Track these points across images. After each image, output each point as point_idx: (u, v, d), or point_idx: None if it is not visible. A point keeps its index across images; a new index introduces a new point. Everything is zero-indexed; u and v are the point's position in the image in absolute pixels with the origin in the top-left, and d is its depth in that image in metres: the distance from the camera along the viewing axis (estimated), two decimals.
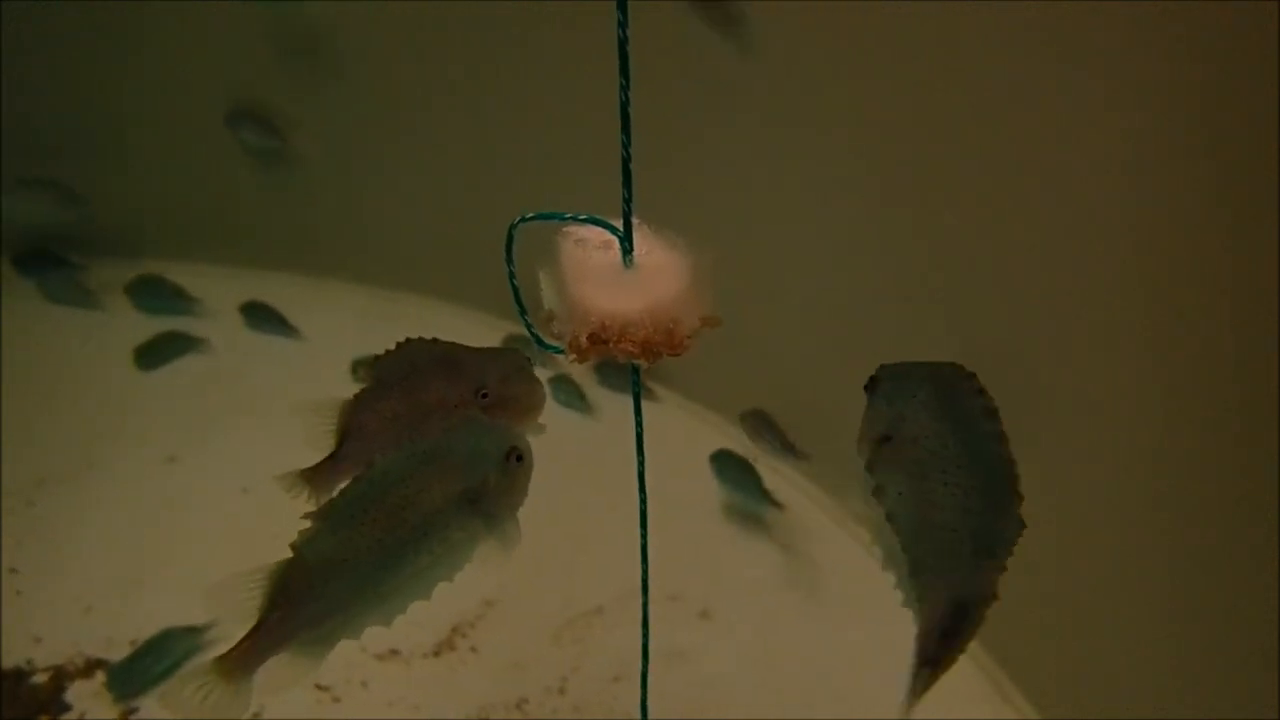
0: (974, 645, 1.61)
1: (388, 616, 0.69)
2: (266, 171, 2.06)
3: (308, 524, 0.69)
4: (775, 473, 1.79)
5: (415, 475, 0.65)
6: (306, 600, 0.68)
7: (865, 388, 0.64)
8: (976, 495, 0.60)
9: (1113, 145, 1.13)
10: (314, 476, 0.75)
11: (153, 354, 2.02)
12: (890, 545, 0.61)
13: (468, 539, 0.68)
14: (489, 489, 0.66)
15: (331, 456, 0.75)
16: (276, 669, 0.67)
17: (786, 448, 1.62)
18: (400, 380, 0.73)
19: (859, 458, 0.64)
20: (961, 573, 0.60)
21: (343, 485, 0.69)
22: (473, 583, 0.72)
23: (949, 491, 0.59)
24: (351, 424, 0.74)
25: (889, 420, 0.62)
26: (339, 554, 0.67)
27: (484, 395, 0.70)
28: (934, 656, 0.61)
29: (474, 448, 0.66)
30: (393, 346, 0.73)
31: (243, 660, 0.65)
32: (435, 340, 0.72)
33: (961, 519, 0.59)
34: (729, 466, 1.71)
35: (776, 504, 1.69)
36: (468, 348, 0.73)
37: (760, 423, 1.67)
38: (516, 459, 0.67)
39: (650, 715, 0.99)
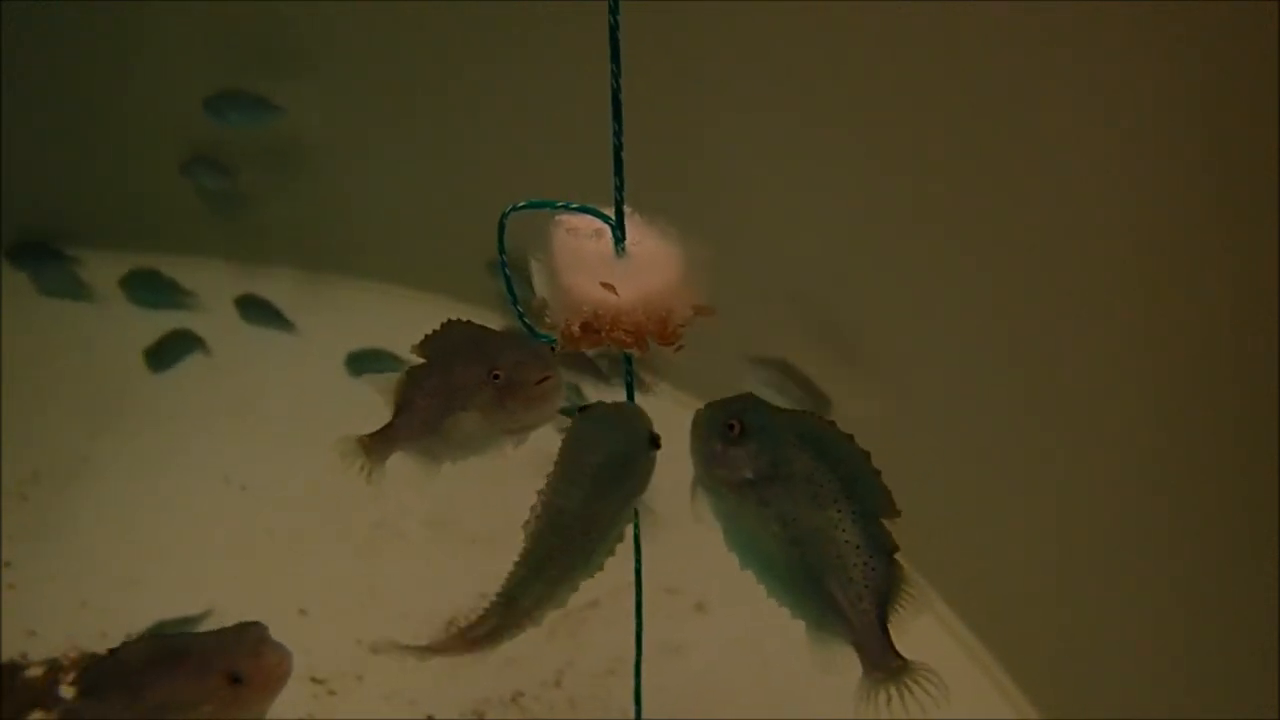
0: (975, 644, 1.62)
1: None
2: (263, 167, 2.05)
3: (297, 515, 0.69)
4: None
5: (588, 500, 0.70)
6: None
7: (727, 428, 0.66)
8: (869, 515, 0.64)
9: (1113, 145, 1.12)
10: (370, 444, 0.78)
11: (162, 355, 2.01)
12: (788, 574, 0.65)
13: (629, 524, 0.74)
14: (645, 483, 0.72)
15: (387, 427, 0.78)
16: None
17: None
18: (438, 359, 0.76)
19: (717, 489, 0.66)
20: (879, 583, 0.63)
21: (399, 452, 0.76)
22: (468, 577, 0.73)
23: (843, 514, 0.63)
24: (403, 399, 0.77)
25: (770, 460, 0.64)
26: (546, 592, 0.75)
27: (496, 377, 0.71)
28: (889, 662, 0.63)
29: (629, 455, 0.70)
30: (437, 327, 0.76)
31: None
32: (469, 322, 0.74)
33: (862, 534, 0.63)
34: None
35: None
36: (495, 331, 0.74)
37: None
38: (655, 445, 0.72)
39: (645, 709, 0.99)
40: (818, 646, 0.65)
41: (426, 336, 0.75)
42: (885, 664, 0.63)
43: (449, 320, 0.75)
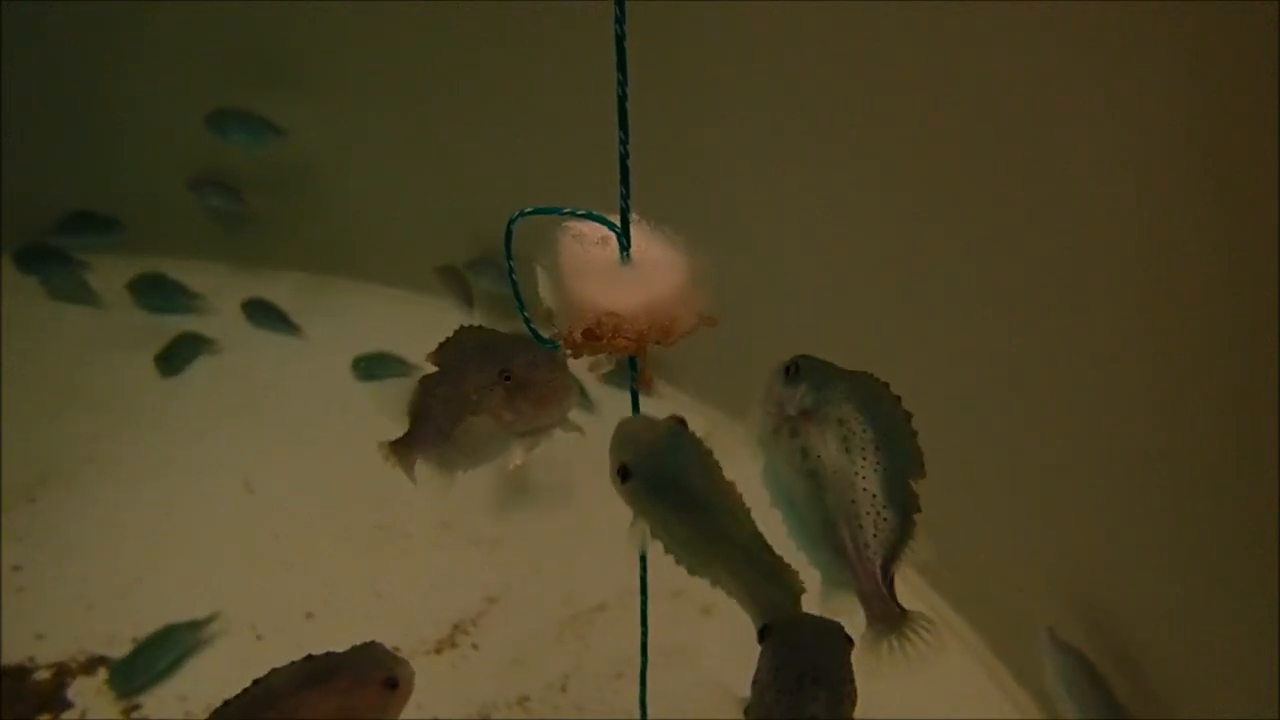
0: (978, 644, 1.62)
1: None
2: (266, 170, 2.06)
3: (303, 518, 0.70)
4: None
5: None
6: None
7: (785, 369, 0.68)
8: (895, 471, 0.66)
9: (1113, 145, 1.12)
10: (397, 449, 0.79)
11: (171, 359, 2.02)
12: (806, 511, 0.67)
13: None
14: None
15: (407, 435, 0.78)
16: None
17: None
18: (449, 366, 0.76)
19: (765, 421, 0.69)
20: (890, 536, 0.65)
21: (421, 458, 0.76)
22: (475, 580, 0.73)
23: (869, 464, 0.65)
24: (418, 407, 0.78)
25: (813, 400, 0.67)
26: None
27: (507, 378, 0.71)
28: (889, 614, 0.65)
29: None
30: (450, 334, 0.76)
31: None
32: (480, 328, 0.74)
33: (882, 487, 0.65)
34: None
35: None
36: (505, 335, 0.74)
37: None
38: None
39: (651, 712, 0.99)
40: (827, 597, 0.67)
41: (441, 344, 0.75)
42: (886, 614, 0.64)
43: (461, 326, 0.75)
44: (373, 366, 1.92)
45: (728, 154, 1.61)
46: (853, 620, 0.67)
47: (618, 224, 0.64)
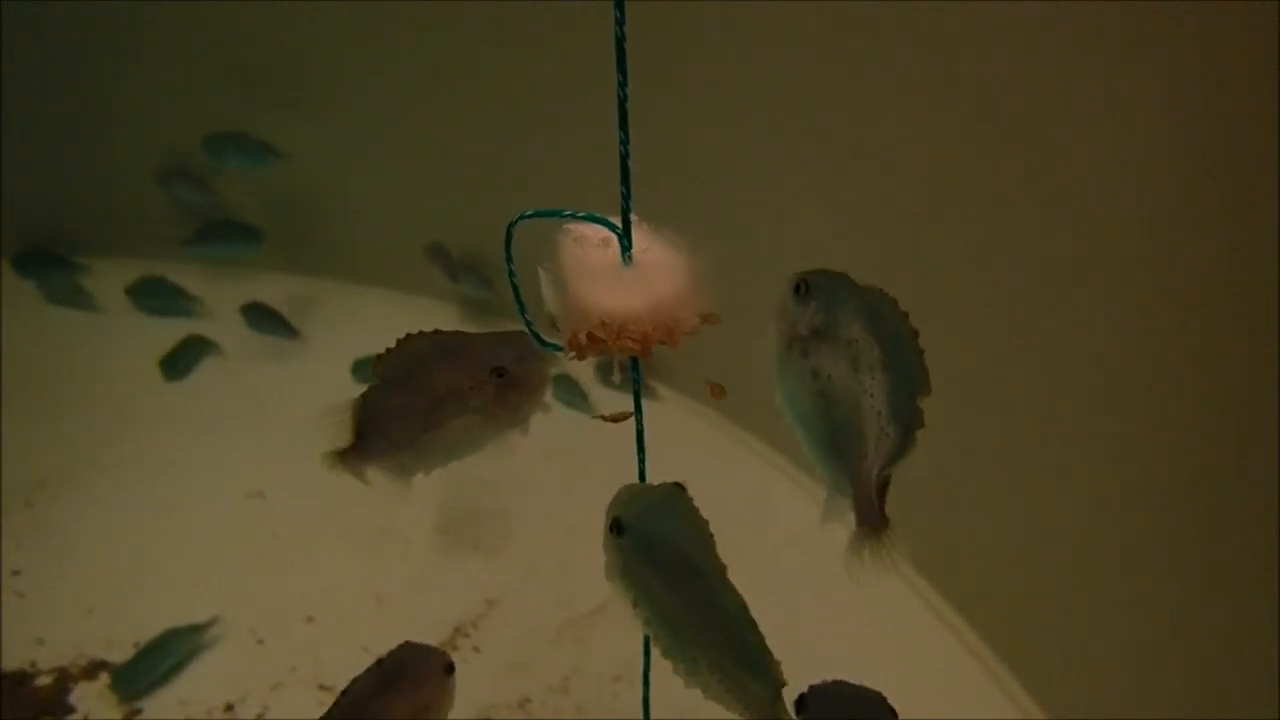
0: (979, 644, 1.62)
1: None
2: (262, 175, 2.06)
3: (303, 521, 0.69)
4: (779, 472, 1.79)
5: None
6: None
7: (795, 287, 0.69)
8: (900, 389, 0.68)
9: (1113, 145, 1.12)
10: (347, 460, 0.76)
11: (176, 363, 2.02)
12: (817, 427, 0.69)
13: None
14: None
15: (351, 449, 0.76)
16: None
17: None
18: (405, 375, 0.74)
19: (778, 340, 0.71)
20: (890, 451, 0.67)
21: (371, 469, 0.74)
22: (475, 583, 0.73)
23: (876, 382, 0.67)
24: (364, 421, 0.75)
25: (823, 320, 0.69)
26: None
27: (500, 375, 0.71)
28: (874, 521, 0.68)
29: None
30: (393, 344, 0.74)
31: None
32: (436, 331, 0.73)
33: (887, 405, 0.68)
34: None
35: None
36: (470, 334, 0.73)
37: None
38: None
39: (652, 714, 0.99)
40: (829, 510, 0.69)
41: (381, 356, 0.74)
42: (872, 520, 0.67)
43: (408, 334, 0.74)
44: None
45: (728, 154, 1.61)
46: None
47: (619, 225, 0.64)
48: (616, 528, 0.69)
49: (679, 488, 0.72)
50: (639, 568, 0.70)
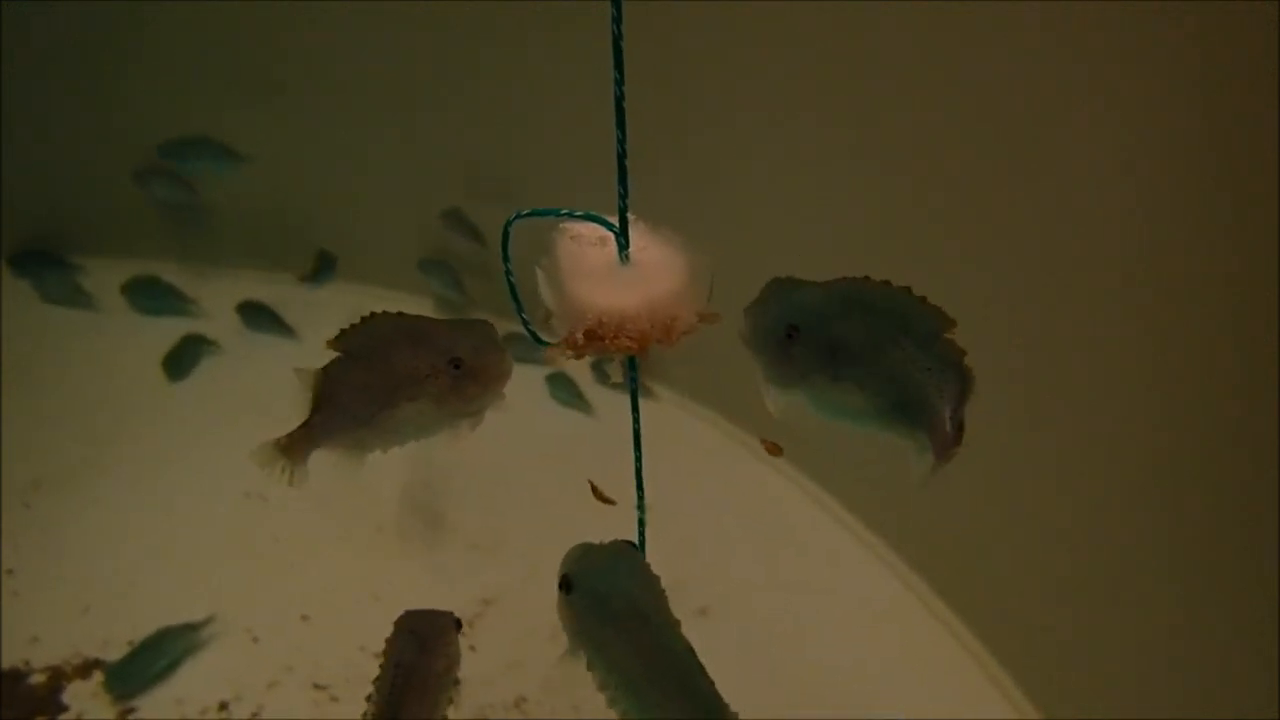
0: (976, 645, 1.61)
1: None
2: (257, 174, 2.05)
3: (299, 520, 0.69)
4: (777, 472, 1.79)
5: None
6: None
7: (787, 338, 0.69)
8: (928, 338, 0.68)
9: (1113, 145, 1.12)
10: (288, 444, 0.75)
11: (179, 362, 2.01)
12: (882, 415, 0.68)
13: None
14: None
15: (303, 425, 0.75)
16: None
17: None
18: (367, 352, 0.74)
19: (792, 387, 0.70)
20: (953, 390, 0.66)
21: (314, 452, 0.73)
22: (471, 582, 0.73)
23: (907, 353, 0.67)
24: (321, 395, 0.75)
25: (828, 347, 0.68)
26: None
27: (457, 365, 0.70)
28: (947, 452, 0.66)
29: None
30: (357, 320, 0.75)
31: None
32: (400, 313, 0.73)
33: (930, 359, 0.67)
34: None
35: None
36: (433, 319, 0.73)
37: None
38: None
39: None
40: (917, 465, 0.67)
41: (345, 331, 0.74)
42: (950, 454, 0.65)
43: (373, 313, 0.74)
44: None
45: (726, 153, 1.61)
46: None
47: (616, 224, 0.64)
48: (566, 585, 0.69)
49: (628, 545, 0.72)
50: (590, 622, 0.70)
